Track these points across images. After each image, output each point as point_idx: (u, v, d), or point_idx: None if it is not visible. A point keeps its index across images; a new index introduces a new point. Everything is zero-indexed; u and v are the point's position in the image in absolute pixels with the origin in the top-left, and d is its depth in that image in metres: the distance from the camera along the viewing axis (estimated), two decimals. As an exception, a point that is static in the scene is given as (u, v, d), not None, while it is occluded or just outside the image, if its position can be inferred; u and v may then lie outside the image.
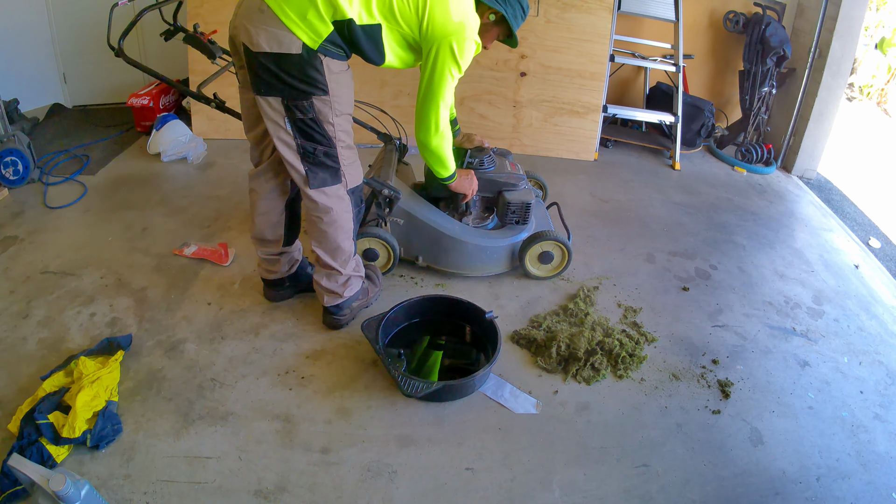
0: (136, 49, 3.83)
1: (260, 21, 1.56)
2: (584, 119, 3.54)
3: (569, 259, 2.36)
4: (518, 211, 2.31)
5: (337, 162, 1.77)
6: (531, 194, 2.34)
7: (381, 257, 2.30)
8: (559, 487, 1.58)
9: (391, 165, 2.31)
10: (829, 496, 1.62)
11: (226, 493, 1.51)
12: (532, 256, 2.34)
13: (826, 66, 3.43)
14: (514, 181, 2.33)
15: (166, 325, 2.05)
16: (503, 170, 2.35)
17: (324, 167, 1.76)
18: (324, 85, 1.64)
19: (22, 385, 1.77)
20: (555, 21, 3.35)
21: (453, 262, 2.34)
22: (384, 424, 1.73)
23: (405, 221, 2.28)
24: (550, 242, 2.31)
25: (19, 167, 2.85)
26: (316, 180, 1.76)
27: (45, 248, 2.43)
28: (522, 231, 2.35)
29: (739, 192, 3.39)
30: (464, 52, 1.72)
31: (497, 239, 2.32)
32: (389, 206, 2.22)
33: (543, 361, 1.97)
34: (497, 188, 2.34)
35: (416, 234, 2.30)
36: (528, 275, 2.38)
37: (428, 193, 2.37)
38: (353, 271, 1.98)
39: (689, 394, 1.91)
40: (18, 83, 3.59)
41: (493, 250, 2.31)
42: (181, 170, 3.16)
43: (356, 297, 2.04)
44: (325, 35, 1.59)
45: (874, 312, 2.42)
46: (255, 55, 1.59)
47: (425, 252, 2.34)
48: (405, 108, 3.52)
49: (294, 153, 1.73)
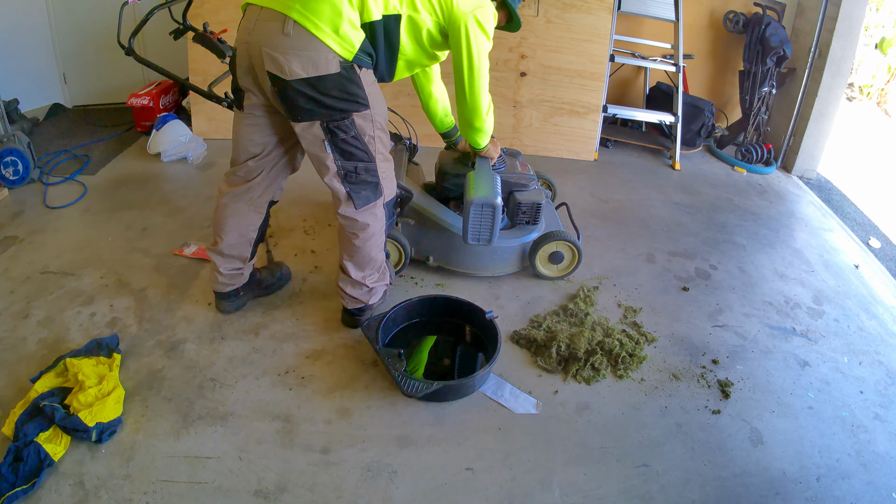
0: (139, 48, 3.82)
1: (288, 46, 1.48)
2: (584, 119, 3.54)
3: (579, 259, 2.36)
4: (529, 211, 2.30)
5: (376, 176, 1.74)
6: (542, 195, 2.34)
7: (393, 257, 2.30)
8: (559, 487, 1.58)
9: (401, 166, 2.31)
10: (829, 496, 1.62)
11: (226, 493, 1.51)
12: (542, 257, 2.35)
13: (826, 66, 3.43)
14: (525, 181, 2.33)
15: (166, 325, 2.05)
16: (514, 170, 2.35)
17: (365, 184, 1.73)
18: (364, 99, 1.61)
19: (22, 385, 1.77)
20: (555, 21, 3.35)
21: (464, 262, 2.34)
22: (384, 424, 1.73)
23: (416, 221, 2.28)
24: (561, 243, 2.31)
25: (19, 167, 2.85)
26: (360, 199, 1.73)
27: (45, 248, 2.43)
28: (533, 231, 2.35)
29: (739, 192, 3.39)
30: (488, 20, 1.74)
31: (507, 239, 2.32)
32: (401, 205, 2.22)
33: (543, 361, 1.97)
34: (508, 188, 2.33)
35: (427, 234, 2.30)
36: (539, 275, 2.38)
37: (438, 193, 2.37)
38: (378, 281, 1.96)
39: (689, 394, 1.91)
40: (18, 83, 3.59)
41: (503, 250, 2.31)
42: (181, 170, 3.16)
43: (375, 300, 2.03)
44: (359, 44, 1.55)
45: (874, 312, 2.42)
46: (288, 84, 1.51)
47: (436, 252, 2.34)
48: (405, 107, 3.50)
49: (334, 176, 1.69)
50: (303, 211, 2.77)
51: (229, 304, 2.06)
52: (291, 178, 1.91)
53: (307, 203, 2.84)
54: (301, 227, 2.67)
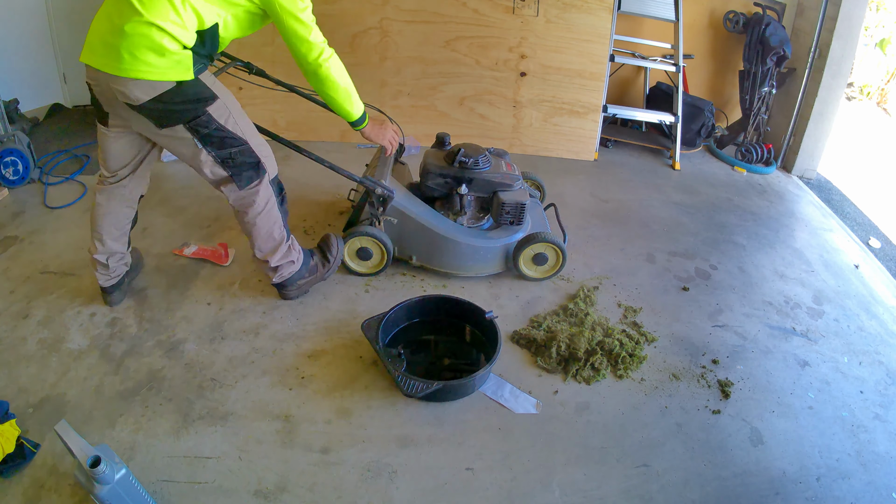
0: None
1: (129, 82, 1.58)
2: (584, 119, 3.54)
3: (563, 261, 2.34)
4: (512, 211, 2.30)
5: (255, 156, 1.85)
6: (526, 195, 2.33)
7: (375, 256, 2.30)
8: (559, 487, 1.58)
9: (387, 165, 2.31)
10: (829, 496, 1.62)
11: (226, 493, 1.51)
12: (526, 258, 2.33)
13: (826, 66, 3.43)
14: (510, 181, 2.32)
15: (166, 325, 2.05)
16: (499, 170, 2.34)
17: (245, 165, 1.84)
18: (209, 93, 1.71)
19: (22, 385, 1.77)
20: (555, 21, 3.35)
21: (447, 262, 2.33)
22: (384, 424, 1.73)
23: (399, 221, 2.28)
24: (544, 244, 2.30)
25: (19, 167, 2.85)
26: (242, 180, 1.85)
27: (45, 248, 2.43)
28: (517, 232, 2.34)
29: (739, 192, 3.39)
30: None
31: (491, 239, 2.31)
32: (383, 205, 2.22)
33: (543, 361, 1.97)
34: (492, 188, 2.33)
35: (409, 233, 2.29)
36: (523, 276, 2.38)
37: (423, 193, 2.37)
38: (283, 259, 2.05)
39: (689, 394, 1.91)
40: (18, 83, 3.59)
41: (486, 250, 2.30)
42: (181, 170, 3.16)
43: (300, 276, 2.13)
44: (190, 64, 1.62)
45: (874, 312, 2.42)
46: (139, 107, 1.63)
47: (419, 251, 2.33)
48: (405, 107, 3.52)
49: (214, 165, 1.81)
50: (303, 211, 2.77)
51: (115, 296, 2.11)
52: (291, 179, 1.93)
53: (307, 203, 2.84)
54: (301, 227, 2.67)
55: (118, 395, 1.77)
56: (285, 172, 3.07)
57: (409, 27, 3.35)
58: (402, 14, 3.32)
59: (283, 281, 2.12)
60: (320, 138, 3.51)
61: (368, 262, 2.31)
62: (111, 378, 1.83)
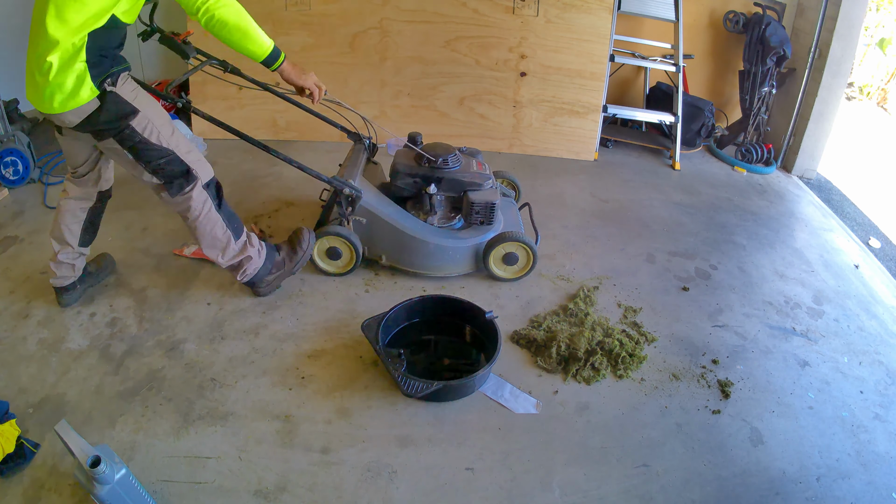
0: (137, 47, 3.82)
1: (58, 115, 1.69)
2: (584, 119, 3.54)
3: (534, 262, 2.32)
4: (482, 211, 2.28)
5: (183, 164, 1.89)
6: (497, 194, 2.32)
7: (345, 256, 2.29)
8: (559, 487, 1.58)
9: (357, 165, 2.31)
10: (829, 496, 1.62)
11: (226, 493, 1.51)
12: (496, 257, 2.31)
13: (826, 66, 3.43)
14: (479, 181, 2.31)
15: (166, 325, 2.05)
16: (468, 169, 2.32)
17: (175, 174, 1.89)
18: (130, 108, 1.75)
19: (22, 385, 1.77)
20: (555, 21, 3.35)
21: (415, 262, 2.32)
22: (384, 424, 1.73)
23: (368, 220, 2.27)
24: (515, 243, 2.28)
25: (19, 167, 2.85)
26: (174, 187, 1.90)
27: (45, 248, 2.42)
28: (488, 232, 2.32)
29: (739, 192, 3.39)
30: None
31: (460, 239, 2.29)
32: (351, 204, 2.21)
33: (543, 361, 1.97)
34: (462, 188, 2.31)
35: (379, 232, 2.28)
36: (493, 276, 2.36)
37: (394, 193, 2.36)
38: (235, 258, 2.07)
39: (689, 394, 1.91)
40: (18, 83, 3.55)
41: (455, 250, 2.29)
42: (181, 170, 3.16)
43: (266, 272, 2.15)
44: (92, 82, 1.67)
45: (874, 312, 2.42)
46: (76, 128, 1.74)
47: (388, 251, 2.33)
48: (405, 108, 3.52)
49: (144, 172, 1.86)
50: (303, 211, 2.77)
51: (68, 297, 2.11)
52: (291, 179, 1.92)
53: (307, 203, 2.84)
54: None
55: (118, 395, 1.77)
56: (284, 173, 3.08)
57: (409, 27, 3.35)
58: (402, 14, 3.32)
59: (248, 280, 2.13)
60: (321, 138, 3.51)
61: (338, 262, 2.31)
62: (111, 378, 1.83)
